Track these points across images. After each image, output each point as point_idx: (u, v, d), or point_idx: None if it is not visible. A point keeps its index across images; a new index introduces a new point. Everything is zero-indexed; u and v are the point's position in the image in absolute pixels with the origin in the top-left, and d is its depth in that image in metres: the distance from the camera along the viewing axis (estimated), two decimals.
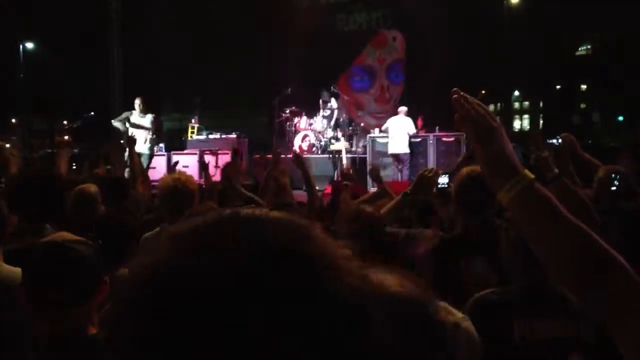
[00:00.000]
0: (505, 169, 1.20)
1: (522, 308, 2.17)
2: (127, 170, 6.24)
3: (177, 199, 3.30)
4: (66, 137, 19.29)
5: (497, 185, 1.22)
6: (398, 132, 11.95)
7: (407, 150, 12.02)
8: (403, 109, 12.41)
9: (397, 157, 12.07)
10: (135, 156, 5.86)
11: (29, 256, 1.68)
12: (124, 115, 11.24)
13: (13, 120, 26.09)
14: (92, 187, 3.60)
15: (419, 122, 13.05)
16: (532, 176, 1.20)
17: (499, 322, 2.13)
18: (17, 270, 1.91)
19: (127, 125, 10.87)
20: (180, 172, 3.80)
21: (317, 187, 6.07)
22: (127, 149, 6.59)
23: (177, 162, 8.37)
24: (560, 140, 3.91)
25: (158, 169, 11.07)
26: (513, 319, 2.13)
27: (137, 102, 11.10)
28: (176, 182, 3.34)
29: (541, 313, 2.14)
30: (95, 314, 1.64)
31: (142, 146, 10.19)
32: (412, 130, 12.24)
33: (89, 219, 3.21)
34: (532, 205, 1.19)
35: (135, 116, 11.02)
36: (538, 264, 2.14)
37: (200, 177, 6.84)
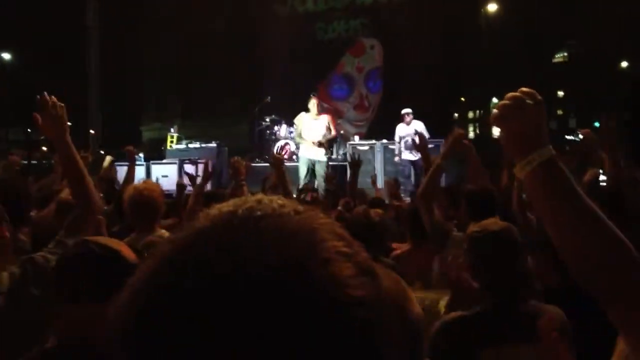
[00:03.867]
0: (524, 145, 1.21)
1: (490, 334, 2.03)
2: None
3: (144, 209, 3.37)
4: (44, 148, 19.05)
5: (516, 160, 1.23)
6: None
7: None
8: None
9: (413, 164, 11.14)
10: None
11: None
12: None
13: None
14: None
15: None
16: (552, 152, 1.20)
17: (463, 353, 1.99)
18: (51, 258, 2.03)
19: None
20: (146, 182, 3.82)
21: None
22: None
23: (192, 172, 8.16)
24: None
25: (138, 178, 10.94)
26: (480, 348, 2.00)
27: None
28: (141, 192, 3.40)
29: (511, 337, 2.01)
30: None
31: None
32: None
33: None
34: (548, 181, 1.19)
35: None
36: (505, 282, 2.12)
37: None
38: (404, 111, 11.14)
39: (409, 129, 11.00)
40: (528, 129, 1.22)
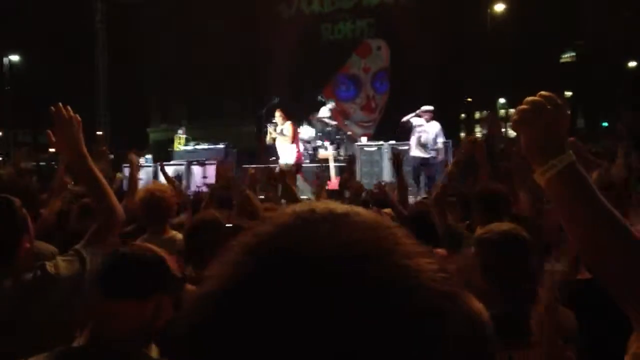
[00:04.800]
0: (544, 151, 1.21)
1: (501, 337, 1.97)
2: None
3: (156, 210, 3.45)
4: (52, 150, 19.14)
5: (536, 166, 1.22)
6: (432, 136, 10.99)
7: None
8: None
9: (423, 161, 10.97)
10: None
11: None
12: None
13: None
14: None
15: None
16: (573, 158, 1.19)
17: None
18: (62, 266, 2.10)
19: None
20: (156, 183, 3.86)
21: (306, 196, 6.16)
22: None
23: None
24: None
25: (145, 180, 11.01)
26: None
27: None
28: (153, 194, 3.47)
29: (522, 341, 2.00)
30: (150, 319, 1.69)
31: None
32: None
33: None
34: (569, 187, 1.19)
35: None
36: (514, 289, 2.11)
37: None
38: (424, 108, 10.86)
39: (428, 126, 10.81)
40: (548, 135, 1.21)
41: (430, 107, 10.88)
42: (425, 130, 10.78)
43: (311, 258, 0.50)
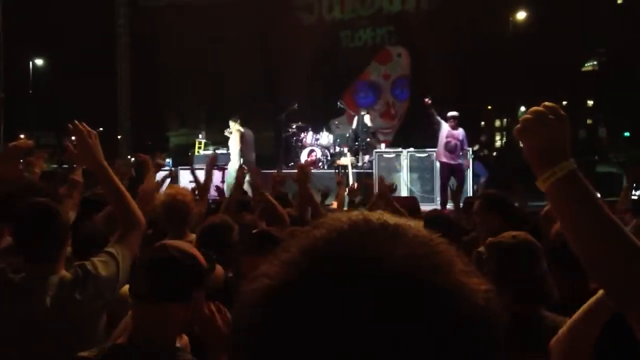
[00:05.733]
0: (545, 159, 1.25)
1: (509, 344, 1.97)
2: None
3: (176, 214, 3.49)
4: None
5: (537, 173, 1.27)
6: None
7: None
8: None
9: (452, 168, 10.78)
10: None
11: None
12: None
13: (22, 136, 26.30)
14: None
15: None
16: (574, 166, 1.24)
17: None
18: (99, 265, 2.23)
19: None
20: (174, 187, 3.92)
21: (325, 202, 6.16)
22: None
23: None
24: None
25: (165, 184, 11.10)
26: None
27: None
28: (174, 198, 3.52)
29: (531, 348, 1.97)
30: (185, 320, 1.76)
31: None
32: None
33: None
34: (570, 194, 1.23)
35: None
36: (524, 291, 2.12)
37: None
38: (450, 114, 10.75)
39: (456, 132, 10.69)
40: (549, 143, 1.25)
41: (456, 113, 10.78)
42: (453, 136, 10.65)
43: (367, 267, 0.51)
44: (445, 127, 10.69)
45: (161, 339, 1.70)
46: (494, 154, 21.53)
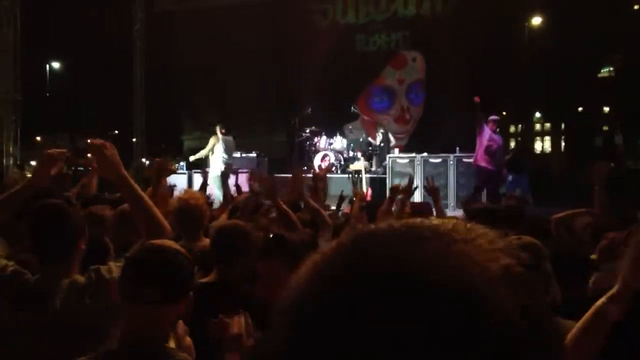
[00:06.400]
0: None
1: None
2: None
3: (190, 218, 3.53)
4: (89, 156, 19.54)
5: None
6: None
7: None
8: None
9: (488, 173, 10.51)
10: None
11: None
12: None
13: (38, 138, 26.61)
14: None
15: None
16: None
17: None
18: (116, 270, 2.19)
19: None
20: (186, 191, 3.94)
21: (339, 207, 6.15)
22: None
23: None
24: None
25: (179, 187, 11.13)
26: None
27: None
28: (187, 202, 3.56)
29: None
30: (176, 320, 1.80)
31: None
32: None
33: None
34: None
35: None
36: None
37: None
38: (492, 117, 10.51)
39: (496, 137, 10.47)
40: None
41: (497, 117, 10.57)
42: (494, 140, 10.43)
43: (415, 280, 0.49)
44: (487, 131, 10.38)
45: (154, 340, 1.69)
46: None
